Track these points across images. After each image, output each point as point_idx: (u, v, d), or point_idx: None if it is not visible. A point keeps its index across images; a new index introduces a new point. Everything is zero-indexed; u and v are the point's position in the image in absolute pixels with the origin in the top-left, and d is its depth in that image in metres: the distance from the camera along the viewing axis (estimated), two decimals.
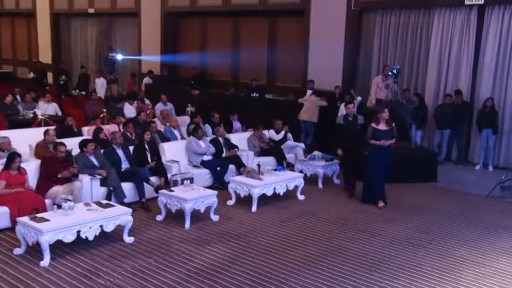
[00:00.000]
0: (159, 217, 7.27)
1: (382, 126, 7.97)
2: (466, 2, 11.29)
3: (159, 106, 12.68)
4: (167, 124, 10.58)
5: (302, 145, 10.98)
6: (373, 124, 8.00)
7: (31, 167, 7.29)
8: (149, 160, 8.44)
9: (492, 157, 11.10)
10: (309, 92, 13.02)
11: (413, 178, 9.67)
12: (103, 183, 7.57)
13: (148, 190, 7.95)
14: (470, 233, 7.15)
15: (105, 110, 11.78)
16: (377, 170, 8.02)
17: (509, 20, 10.97)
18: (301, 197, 8.54)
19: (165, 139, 9.84)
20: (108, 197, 7.44)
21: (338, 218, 7.60)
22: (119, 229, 6.39)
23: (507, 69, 11.09)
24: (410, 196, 8.81)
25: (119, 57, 17.70)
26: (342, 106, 11.87)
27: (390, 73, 10.69)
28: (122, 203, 7.25)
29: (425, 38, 12.27)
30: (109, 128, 9.88)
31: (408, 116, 11.05)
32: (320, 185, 9.30)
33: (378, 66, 13.11)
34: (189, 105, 12.94)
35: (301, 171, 9.40)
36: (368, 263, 5.99)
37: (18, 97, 12.98)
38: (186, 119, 11.96)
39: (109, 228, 6.20)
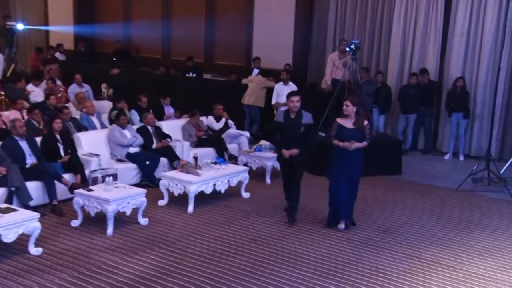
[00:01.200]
0: (75, 223, 7.13)
1: (348, 123, 7.04)
2: None
3: (74, 88, 12.39)
4: (83, 110, 10.38)
5: (247, 133, 11.04)
6: (338, 119, 7.12)
7: None
8: (62, 153, 8.26)
9: (463, 145, 11.58)
10: (254, 71, 13.09)
11: (374, 170, 9.88)
12: (2, 182, 7.32)
13: (61, 190, 7.79)
14: (439, 231, 7.40)
15: (2, 93, 11.36)
16: (339, 182, 7.12)
17: None
18: (245, 194, 8.58)
19: (82, 128, 9.67)
20: (8, 200, 7.21)
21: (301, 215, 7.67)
22: (23, 238, 6.21)
23: (479, 45, 11.53)
24: (370, 191, 9.02)
25: (20, 26, 16.90)
26: (278, 86, 11.92)
27: (347, 49, 10.90)
28: (27, 207, 7.06)
29: (387, 10, 12.59)
30: (9, 115, 9.57)
31: (369, 98, 11.31)
32: (268, 180, 9.37)
33: (334, 42, 13.34)
34: (105, 85, 12.67)
35: (245, 164, 9.46)
36: (323, 268, 6.09)
37: None
38: (107, 104, 11.75)
39: (9, 238, 6.01)
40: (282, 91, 11.77)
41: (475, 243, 7.04)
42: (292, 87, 11.69)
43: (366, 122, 7.08)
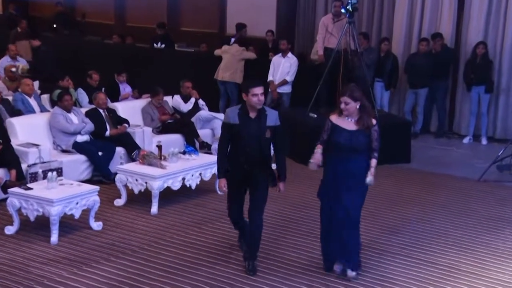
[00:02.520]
0: (10, 230, 7.06)
1: (348, 123, 5.96)
2: None
3: (4, 62, 12.20)
4: (18, 89, 10.26)
5: (222, 116, 10.96)
6: (333, 117, 6.05)
7: None
8: None
9: (485, 126, 11.66)
10: (231, 40, 13.02)
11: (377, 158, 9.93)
12: None
13: None
14: (457, 231, 7.41)
15: None
16: (332, 206, 6.06)
17: None
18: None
19: (16, 112, 9.58)
20: None
21: (276, 218, 7.67)
22: None
23: (504, 3, 11.56)
24: (373, 185, 9.03)
25: None
26: (275, 59, 11.92)
27: (343, 11, 10.85)
28: None
29: None
30: None
31: (369, 71, 11.30)
32: None
33: (327, 2, 13.34)
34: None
35: None
36: (319, 278, 6.09)
37: None
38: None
39: None
40: (279, 65, 11.78)
41: (501, 244, 7.08)
42: (291, 59, 11.74)
43: (374, 122, 6.01)
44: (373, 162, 5.99)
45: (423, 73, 11.68)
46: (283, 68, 11.87)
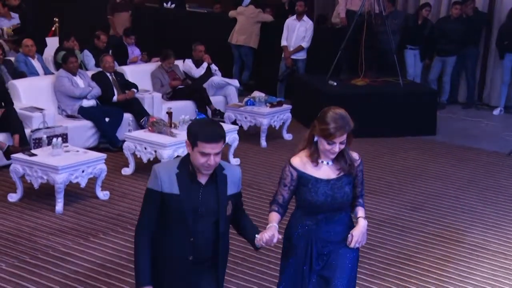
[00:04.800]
0: (13, 197, 7.13)
1: (324, 171, 4.06)
2: None
3: (3, 21, 12.12)
4: (20, 50, 10.28)
5: (236, 82, 11.04)
6: (295, 161, 4.07)
7: None
8: None
9: None
10: (245, 1, 12.97)
11: (400, 130, 9.97)
12: None
13: None
14: (484, 208, 7.45)
15: None
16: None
17: None
18: (234, 160, 8.61)
19: (19, 74, 9.58)
20: None
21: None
22: None
23: None
24: (395, 157, 9.08)
25: None
26: (289, 21, 11.77)
27: None
28: None
29: None
30: None
31: (394, 37, 11.24)
32: (264, 143, 9.43)
33: None
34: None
35: (234, 122, 9.47)
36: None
37: None
38: (52, 42, 11.62)
39: None
40: (294, 28, 11.69)
41: None
42: (307, 23, 11.63)
43: (356, 156, 4.17)
44: (361, 211, 4.19)
45: (454, 40, 11.59)
46: (298, 32, 11.70)
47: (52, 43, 11.52)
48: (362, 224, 4.08)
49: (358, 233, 4.05)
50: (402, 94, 10.51)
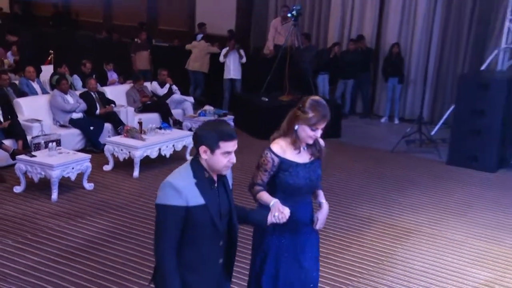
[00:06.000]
0: (18, 189, 6.97)
1: (301, 155, 3.52)
2: None
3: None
4: (23, 75, 9.99)
5: (191, 99, 10.95)
6: (275, 146, 3.48)
7: None
8: (1, 119, 7.98)
9: (397, 109, 11.86)
10: (198, 37, 12.92)
11: None
12: None
13: (2, 157, 7.57)
14: (374, 190, 7.62)
15: None
16: (286, 274, 3.54)
17: None
18: (190, 158, 8.52)
19: (22, 93, 9.36)
20: None
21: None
22: None
23: (413, 12, 11.72)
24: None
25: None
26: (223, 54, 11.58)
27: (289, 15, 10.86)
28: None
29: None
30: None
31: (309, 65, 11.33)
32: None
33: (276, 8, 13.29)
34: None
35: (190, 129, 9.40)
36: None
37: None
38: (49, 69, 11.36)
39: None
40: (230, 57, 11.59)
41: (407, 200, 7.29)
42: (235, 54, 11.51)
43: (323, 143, 3.65)
44: (322, 194, 3.72)
45: (352, 67, 11.76)
46: (234, 60, 11.54)
47: (49, 69, 11.23)
48: (326, 208, 3.61)
49: (324, 216, 3.59)
50: None
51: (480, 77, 9.15)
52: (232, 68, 11.62)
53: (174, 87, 10.78)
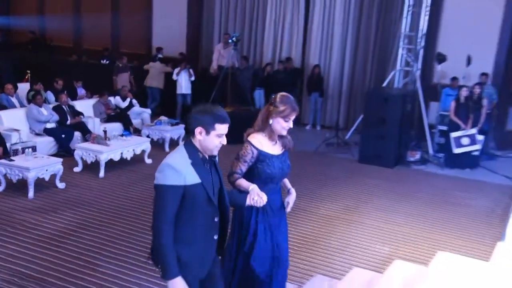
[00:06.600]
0: None
1: (274, 147, 3.45)
2: None
3: None
4: (2, 92, 9.68)
5: (149, 110, 10.88)
6: (253, 138, 3.44)
7: None
8: None
9: (319, 118, 12.11)
10: (155, 59, 12.83)
11: (242, 140, 10.17)
12: None
13: None
14: (301, 183, 7.72)
15: None
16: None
17: None
18: (148, 160, 8.51)
19: (2, 107, 9.11)
20: None
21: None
22: None
23: (330, 39, 12.03)
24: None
25: None
26: (175, 73, 11.43)
27: (230, 41, 10.97)
28: None
29: (261, 9, 12.74)
30: None
31: (248, 82, 11.45)
32: (167, 149, 9.35)
33: (220, 34, 13.34)
34: None
35: (148, 136, 9.34)
36: None
37: None
38: (26, 86, 11.03)
39: None
40: (181, 75, 11.52)
41: (323, 191, 7.50)
42: (187, 73, 11.45)
43: (289, 137, 3.51)
44: (288, 182, 3.64)
45: (282, 84, 11.83)
46: (185, 77, 11.47)
47: (26, 86, 10.92)
48: (294, 194, 3.53)
49: (293, 200, 3.49)
50: (252, 116, 10.61)
51: (382, 92, 9.53)
52: (184, 85, 11.62)
53: (134, 101, 10.68)
